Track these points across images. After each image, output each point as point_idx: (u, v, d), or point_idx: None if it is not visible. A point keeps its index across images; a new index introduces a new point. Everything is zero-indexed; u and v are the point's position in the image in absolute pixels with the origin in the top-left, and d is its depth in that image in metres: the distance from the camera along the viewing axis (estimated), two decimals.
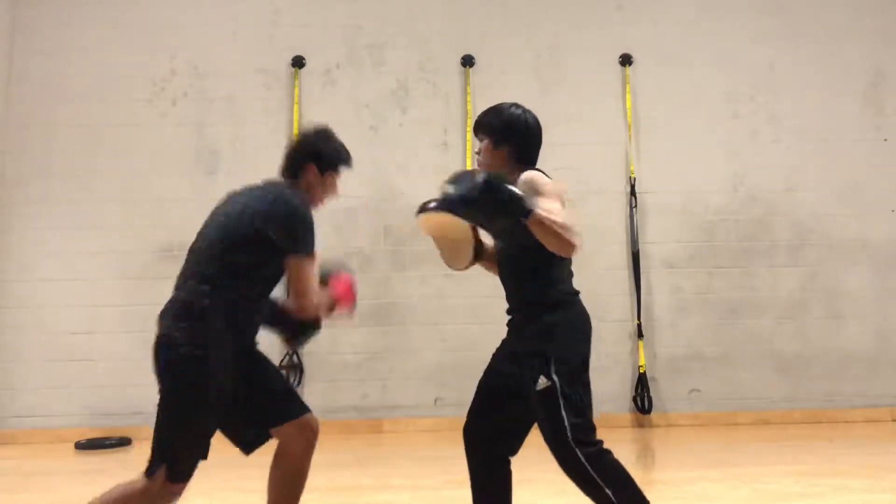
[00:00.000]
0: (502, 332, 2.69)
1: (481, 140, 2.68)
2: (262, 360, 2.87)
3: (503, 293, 2.70)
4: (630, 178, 6.30)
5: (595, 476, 2.37)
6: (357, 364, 6.11)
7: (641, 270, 6.17)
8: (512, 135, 2.64)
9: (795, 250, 6.32)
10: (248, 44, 6.42)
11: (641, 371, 6.05)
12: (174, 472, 2.44)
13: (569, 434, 2.38)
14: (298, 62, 6.40)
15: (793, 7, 6.57)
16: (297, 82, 6.38)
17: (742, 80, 6.48)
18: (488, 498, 2.57)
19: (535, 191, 2.42)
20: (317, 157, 2.91)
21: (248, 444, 2.77)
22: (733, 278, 6.26)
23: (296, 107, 6.33)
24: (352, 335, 6.13)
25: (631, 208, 6.26)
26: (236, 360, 2.55)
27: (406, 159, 6.30)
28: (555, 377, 2.39)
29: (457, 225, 2.54)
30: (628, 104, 6.41)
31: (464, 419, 2.63)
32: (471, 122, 6.32)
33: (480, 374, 2.71)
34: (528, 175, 2.49)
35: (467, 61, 6.45)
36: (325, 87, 6.41)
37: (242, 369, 2.62)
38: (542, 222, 2.30)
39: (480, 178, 2.36)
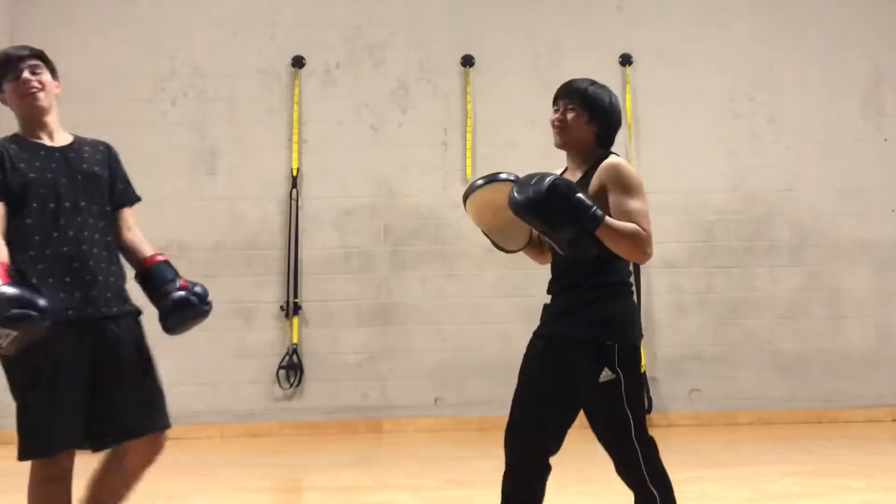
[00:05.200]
0: (503, 332, 2.69)
1: (568, 109, 2.52)
2: (121, 357, 2.51)
3: (503, 293, 2.69)
4: None
5: (646, 476, 2.28)
6: (357, 364, 6.11)
7: (641, 270, 6.17)
8: (605, 114, 2.55)
9: (795, 250, 6.32)
10: (248, 44, 6.42)
11: (641, 371, 6.04)
12: (22, 449, 2.33)
13: (633, 430, 2.28)
14: (298, 62, 6.40)
15: (793, 7, 6.57)
16: (297, 82, 6.38)
17: (742, 80, 6.48)
18: None
19: (622, 184, 2.35)
20: None
21: (96, 441, 2.43)
22: (733, 278, 6.26)
23: (296, 107, 6.33)
24: (352, 335, 6.13)
25: None
26: (54, 338, 2.22)
27: (406, 159, 6.30)
28: (619, 369, 2.26)
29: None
30: (628, 104, 6.41)
31: (464, 419, 2.60)
32: (471, 122, 6.35)
33: (480, 375, 2.69)
34: (614, 163, 2.41)
35: (467, 61, 6.45)
36: (325, 87, 6.41)
37: (77, 355, 2.34)
38: (613, 233, 2.21)
39: (546, 183, 2.20)
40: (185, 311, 2.63)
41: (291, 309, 6.06)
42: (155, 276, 2.64)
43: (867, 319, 6.25)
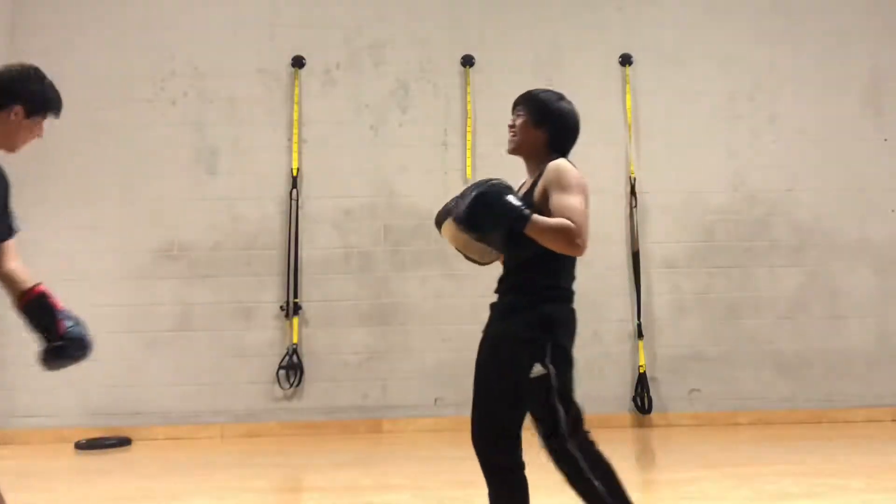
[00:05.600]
0: None
1: (518, 115, 2.63)
2: None
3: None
4: (630, 178, 6.30)
5: (586, 467, 2.36)
6: (357, 364, 6.11)
7: (641, 270, 6.17)
8: (553, 119, 2.61)
9: (795, 250, 6.32)
10: (248, 44, 6.42)
11: (641, 371, 6.05)
12: None
13: (562, 423, 2.38)
14: (298, 62, 6.40)
15: (793, 7, 6.57)
16: (297, 82, 6.38)
17: (742, 80, 6.48)
18: None
19: (559, 183, 2.42)
20: (25, 98, 2.56)
21: None
22: (733, 278, 6.27)
23: (296, 107, 6.34)
24: (352, 335, 6.14)
25: (631, 208, 6.26)
26: None
27: (406, 159, 6.30)
28: (550, 366, 2.40)
29: None
30: (628, 104, 6.41)
31: (464, 419, 2.62)
32: (471, 122, 6.35)
33: None
34: (555, 164, 2.49)
35: (467, 61, 6.45)
36: (325, 87, 6.41)
37: None
38: (541, 230, 2.33)
39: (473, 194, 2.35)
40: (60, 359, 2.63)
41: (291, 309, 6.06)
42: (32, 317, 2.68)
43: (867, 319, 6.25)
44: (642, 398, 5.97)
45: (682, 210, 6.31)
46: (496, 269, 2.76)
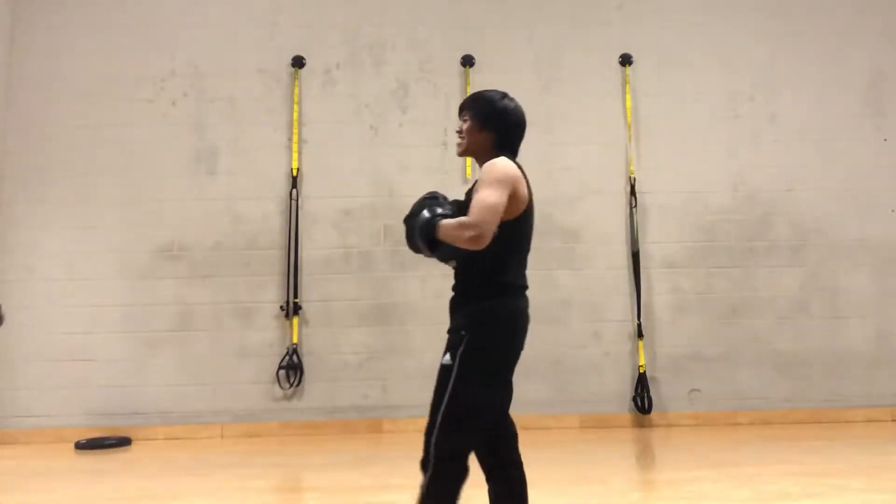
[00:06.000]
0: None
1: (464, 120, 2.66)
2: None
3: None
4: (630, 178, 6.30)
5: (428, 482, 2.36)
6: (357, 364, 6.11)
7: (641, 270, 6.17)
8: (497, 120, 2.62)
9: (795, 250, 6.32)
10: (248, 44, 6.43)
11: (641, 371, 6.05)
12: None
13: (438, 424, 2.39)
14: (298, 62, 6.40)
15: (793, 7, 6.58)
16: (297, 82, 6.38)
17: (742, 79, 6.48)
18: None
19: (482, 180, 2.46)
20: None
21: None
22: (733, 278, 6.27)
23: (296, 107, 6.34)
24: (352, 335, 6.14)
25: (631, 208, 6.26)
26: None
27: (406, 159, 6.30)
28: (458, 358, 2.42)
29: None
30: (628, 104, 6.41)
31: None
32: None
33: None
34: (488, 163, 2.51)
35: (467, 61, 6.45)
36: (325, 87, 6.42)
37: None
38: (445, 233, 2.41)
39: (408, 213, 2.50)
40: None
41: (291, 309, 6.06)
42: None
43: (867, 319, 6.26)
44: (642, 398, 5.97)
45: (682, 210, 6.32)
46: None
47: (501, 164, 2.49)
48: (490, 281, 2.51)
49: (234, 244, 6.19)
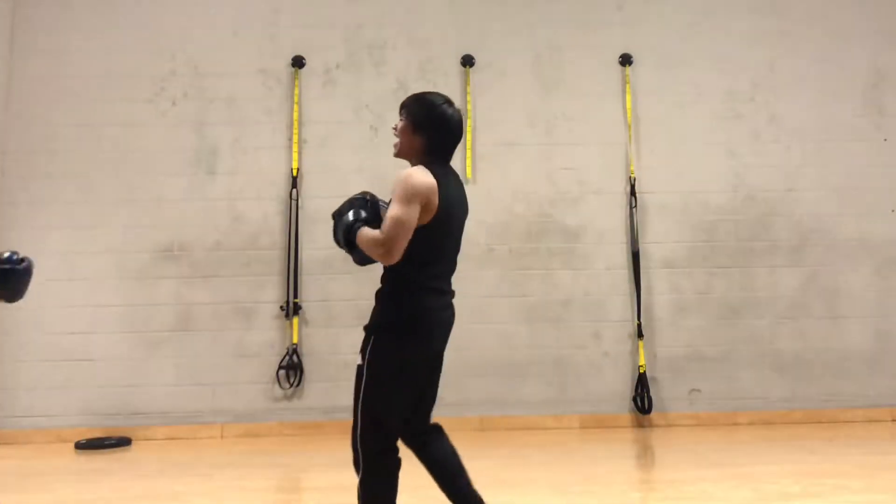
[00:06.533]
0: (502, 332, 2.70)
1: (401, 119, 2.72)
2: None
3: (503, 293, 2.72)
4: (630, 178, 6.30)
5: (362, 480, 2.49)
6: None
7: (641, 270, 6.17)
8: (431, 125, 2.65)
9: (795, 250, 6.32)
10: (248, 44, 6.43)
11: (641, 371, 6.05)
12: None
13: (359, 422, 2.49)
14: (298, 62, 6.40)
15: (793, 7, 6.58)
16: (297, 82, 6.38)
17: (742, 80, 6.49)
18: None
19: (394, 192, 2.50)
20: None
21: None
22: (733, 278, 6.27)
23: (296, 107, 6.34)
24: (352, 335, 6.11)
25: (631, 208, 6.26)
26: None
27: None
28: (368, 356, 2.52)
29: None
30: (628, 104, 6.41)
31: (463, 419, 2.63)
32: (471, 122, 6.35)
33: (480, 375, 2.71)
34: (401, 173, 2.55)
35: (467, 61, 6.45)
36: (325, 87, 6.42)
37: None
38: (361, 242, 2.50)
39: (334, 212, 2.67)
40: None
41: (291, 309, 6.06)
42: None
43: (867, 319, 6.26)
44: (642, 398, 5.97)
45: (682, 210, 6.32)
46: (496, 269, 2.77)
47: (413, 177, 2.51)
48: (400, 283, 2.57)
49: (234, 244, 6.19)
